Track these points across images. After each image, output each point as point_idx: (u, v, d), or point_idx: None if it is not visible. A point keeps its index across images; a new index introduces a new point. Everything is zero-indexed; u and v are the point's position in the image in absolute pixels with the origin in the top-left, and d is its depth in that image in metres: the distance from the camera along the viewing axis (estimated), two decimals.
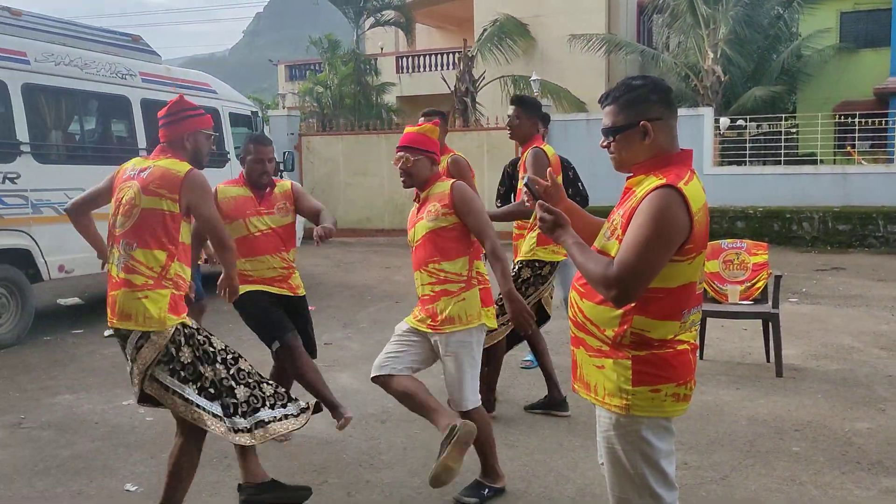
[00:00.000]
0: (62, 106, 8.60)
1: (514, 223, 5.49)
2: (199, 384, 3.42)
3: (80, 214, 3.87)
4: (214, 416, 3.44)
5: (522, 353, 6.73)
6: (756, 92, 20.23)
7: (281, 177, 11.52)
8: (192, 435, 3.53)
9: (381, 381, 4.00)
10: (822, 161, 17.79)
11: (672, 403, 2.44)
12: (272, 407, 3.64)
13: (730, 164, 17.49)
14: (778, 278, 6.41)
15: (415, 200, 4.16)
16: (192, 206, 3.50)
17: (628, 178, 2.54)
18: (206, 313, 6.79)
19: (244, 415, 3.54)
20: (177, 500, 3.59)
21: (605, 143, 2.54)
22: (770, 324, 6.35)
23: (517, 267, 5.26)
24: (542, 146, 5.25)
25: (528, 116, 5.37)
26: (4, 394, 6.07)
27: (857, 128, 17.30)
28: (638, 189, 2.43)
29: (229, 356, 3.58)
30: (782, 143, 17.15)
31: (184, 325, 3.44)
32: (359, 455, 4.64)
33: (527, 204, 2.77)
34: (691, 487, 4.09)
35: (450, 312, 3.92)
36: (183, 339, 3.41)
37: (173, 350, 3.38)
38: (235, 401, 3.52)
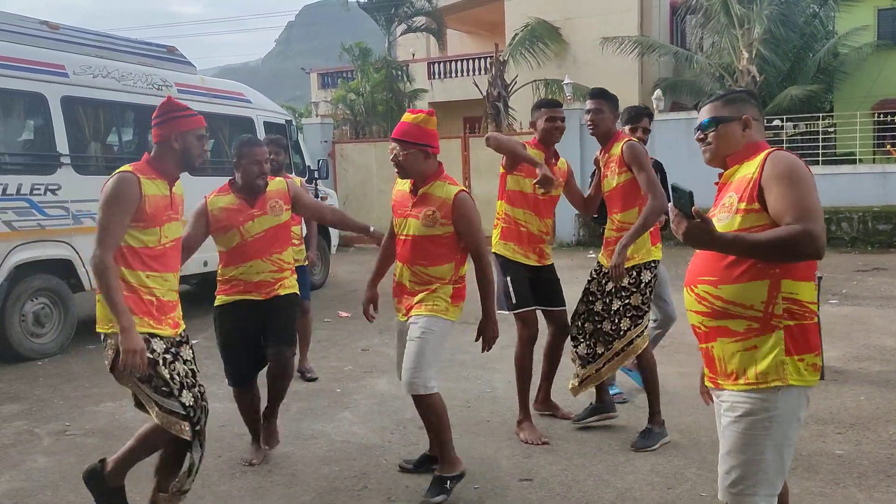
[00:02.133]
0: (100, 118, 8.73)
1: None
2: (153, 384, 3.46)
3: None
4: (171, 412, 3.46)
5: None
6: (792, 91, 19.97)
7: (315, 184, 11.64)
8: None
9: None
10: (860, 160, 17.51)
11: (812, 373, 2.57)
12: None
13: None
14: (818, 279, 6.32)
15: (410, 191, 4.14)
16: None
17: (720, 174, 2.82)
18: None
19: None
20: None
21: (701, 136, 2.79)
22: None
23: (635, 272, 4.84)
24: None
25: (612, 110, 4.98)
26: (49, 402, 6.18)
27: None
28: (737, 175, 2.70)
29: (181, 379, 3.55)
30: (820, 143, 16.91)
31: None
32: (398, 460, 4.64)
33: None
34: None
35: (422, 299, 4.08)
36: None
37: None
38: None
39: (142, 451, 3.69)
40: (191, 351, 3.69)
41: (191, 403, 3.49)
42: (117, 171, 3.46)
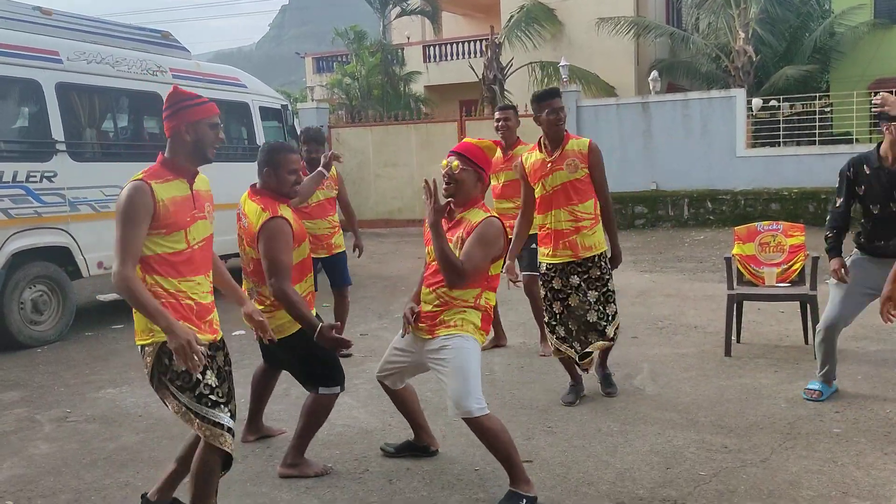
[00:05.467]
0: (95, 104, 8.71)
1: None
2: (195, 392, 3.25)
3: None
4: (216, 424, 3.28)
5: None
6: (788, 71, 19.95)
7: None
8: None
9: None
10: (857, 140, 17.47)
11: None
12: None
13: (763, 145, 17.27)
14: (815, 259, 6.34)
15: (447, 215, 3.98)
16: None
17: None
18: None
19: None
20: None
21: None
22: (808, 306, 6.28)
23: (602, 261, 5.14)
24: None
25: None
26: (50, 389, 6.20)
27: None
28: None
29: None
30: (816, 123, 16.90)
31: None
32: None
33: None
34: (732, 470, 4.08)
35: (448, 319, 3.90)
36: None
37: (166, 360, 3.22)
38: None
39: (203, 480, 3.39)
40: (224, 358, 3.50)
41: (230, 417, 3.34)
42: (130, 179, 3.23)
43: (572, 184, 5.05)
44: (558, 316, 5.17)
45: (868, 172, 4.90)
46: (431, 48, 26.87)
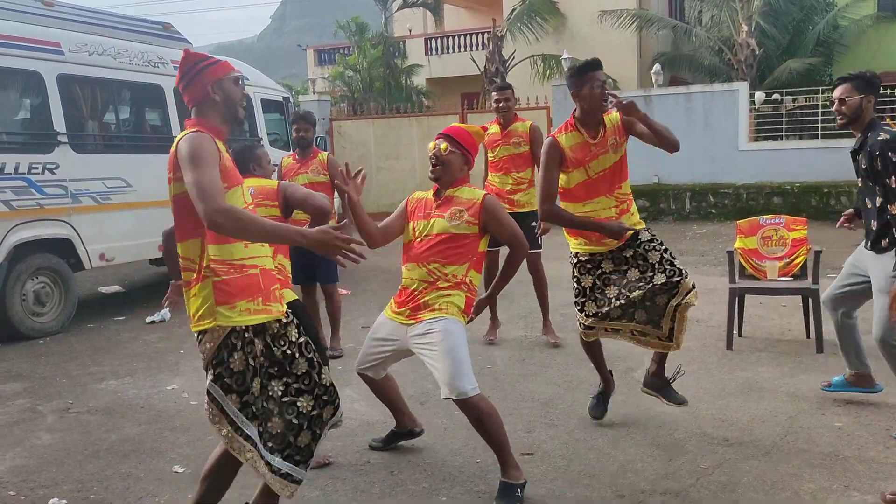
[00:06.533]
0: (97, 96, 8.70)
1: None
2: (243, 399, 3.03)
3: None
4: (247, 438, 3.05)
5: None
6: (791, 65, 19.88)
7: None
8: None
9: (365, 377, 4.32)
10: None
11: None
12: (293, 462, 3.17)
13: (766, 139, 17.22)
14: (817, 254, 6.33)
15: (434, 196, 4.10)
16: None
17: None
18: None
19: (274, 451, 3.12)
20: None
21: None
22: (810, 300, 6.28)
23: (646, 231, 4.51)
24: None
25: None
26: (52, 380, 6.21)
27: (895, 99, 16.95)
28: None
29: (293, 384, 3.14)
30: (819, 117, 16.85)
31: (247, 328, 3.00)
32: None
33: None
34: (734, 463, 4.08)
35: (432, 302, 3.92)
36: (240, 344, 2.99)
37: (225, 353, 2.98)
38: (270, 432, 3.12)
39: (216, 483, 3.29)
40: (297, 332, 3.20)
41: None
42: (182, 133, 3.02)
43: (620, 163, 4.48)
44: (612, 300, 4.44)
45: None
46: (433, 41, 26.79)
